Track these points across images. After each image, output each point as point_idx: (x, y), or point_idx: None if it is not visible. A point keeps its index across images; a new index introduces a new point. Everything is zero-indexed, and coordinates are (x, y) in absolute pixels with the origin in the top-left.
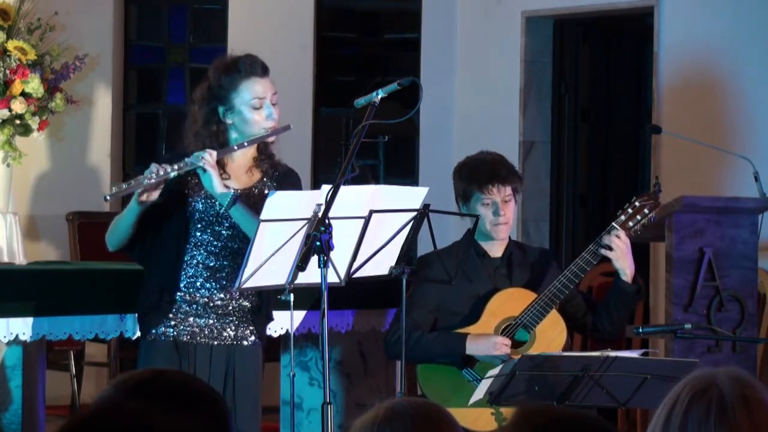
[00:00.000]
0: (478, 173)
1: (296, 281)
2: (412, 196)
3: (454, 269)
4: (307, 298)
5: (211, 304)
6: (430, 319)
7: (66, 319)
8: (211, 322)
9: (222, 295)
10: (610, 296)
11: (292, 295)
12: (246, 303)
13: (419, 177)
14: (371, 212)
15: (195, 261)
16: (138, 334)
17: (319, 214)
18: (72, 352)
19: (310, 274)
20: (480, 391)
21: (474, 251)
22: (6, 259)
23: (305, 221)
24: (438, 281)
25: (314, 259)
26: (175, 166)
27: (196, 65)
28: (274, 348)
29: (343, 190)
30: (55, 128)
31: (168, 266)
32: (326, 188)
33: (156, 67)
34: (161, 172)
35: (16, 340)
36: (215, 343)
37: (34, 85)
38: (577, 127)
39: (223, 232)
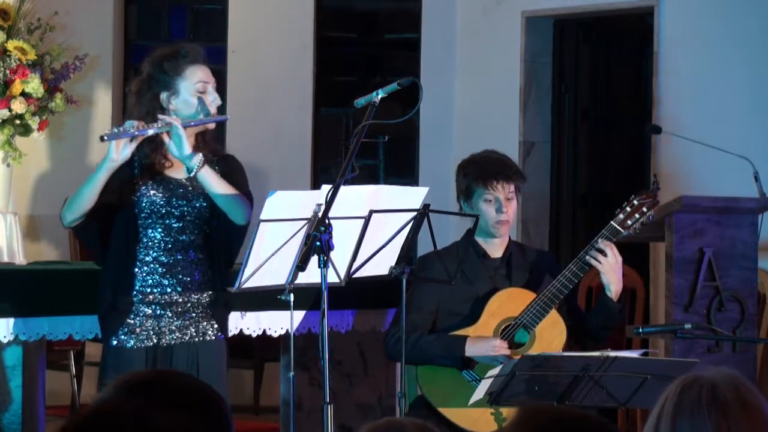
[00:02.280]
0: (482, 170)
1: (296, 281)
2: (412, 196)
3: (454, 269)
4: (307, 298)
5: (170, 302)
6: (430, 320)
7: (66, 319)
8: (171, 320)
9: (179, 292)
10: (595, 307)
11: (292, 295)
12: (205, 296)
13: (419, 177)
14: (371, 212)
15: (149, 259)
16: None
17: (319, 214)
18: (72, 352)
19: (310, 274)
20: (480, 392)
21: (474, 251)
22: (6, 259)
23: (305, 221)
24: (438, 281)
25: (314, 259)
26: (151, 125)
27: None
28: (274, 348)
29: (343, 190)
30: (55, 128)
31: (120, 267)
32: (326, 188)
33: None
34: (141, 127)
35: (16, 340)
36: (177, 342)
37: (34, 85)
38: (577, 127)
39: (173, 224)
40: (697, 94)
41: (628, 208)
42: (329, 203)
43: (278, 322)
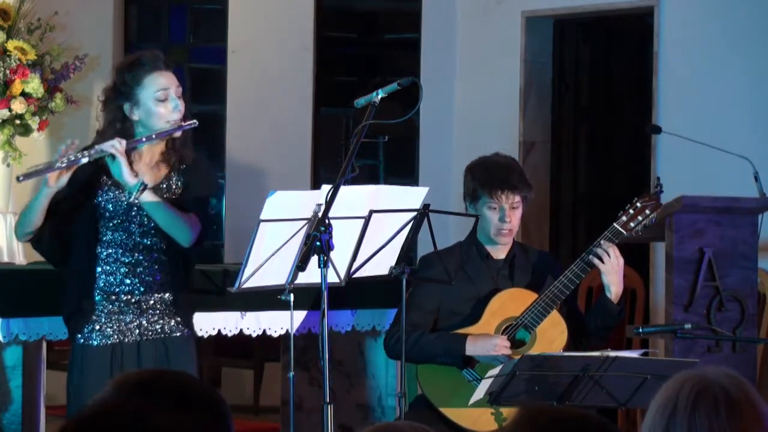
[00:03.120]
0: (489, 176)
1: (296, 281)
2: (412, 196)
3: (454, 270)
4: (307, 298)
5: (133, 300)
6: (431, 319)
7: None
8: (135, 318)
9: (142, 291)
10: (595, 308)
11: (292, 295)
12: (167, 296)
13: (419, 177)
14: (371, 212)
15: (112, 258)
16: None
17: (319, 214)
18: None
19: (310, 274)
20: (480, 391)
21: (477, 252)
22: (6, 259)
23: (305, 221)
24: (438, 281)
25: (314, 259)
26: (85, 152)
27: (196, 65)
28: (274, 348)
29: (343, 190)
30: (55, 128)
31: (82, 267)
32: (326, 188)
33: None
34: (72, 157)
35: (16, 340)
36: (143, 339)
37: (34, 85)
38: (577, 127)
39: (135, 229)
40: (697, 94)
41: (630, 210)
42: (329, 203)
43: (278, 322)
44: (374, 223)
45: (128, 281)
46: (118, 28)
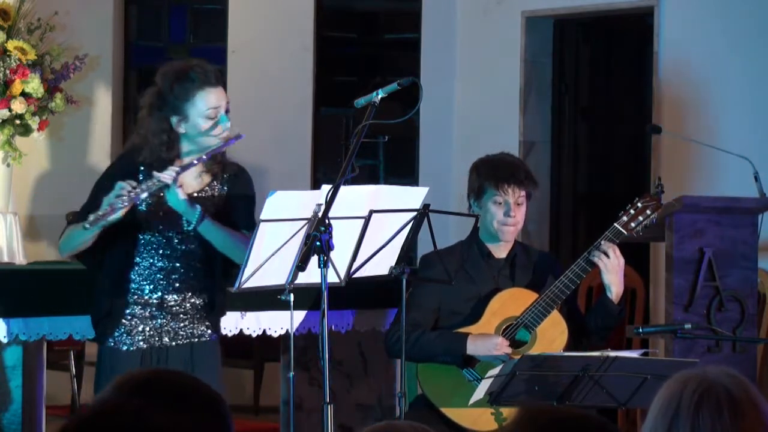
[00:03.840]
0: (496, 171)
1: (296, 281)
2: (412, 196)
3: (455, 269)
4: (307, 298)
5: (165, 305)
6: (432, 318)
7: (66, 319)
8: (165, 322)
9: (175, 296)
10: (595, 307)
11: (292, 295)
12: (199, 301)
13: (419, 177)
14: (371, 212)
15: (147, 263)
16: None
17: (319, 214)
18: (72, 352)
19: (310, 274)
20: (480, 391)
21: (478, 251)
22: (6, 259)
23: (305, 221)
24: (438, 281)
25: (314, 259)
26: (144, 186)
27: None
28: (274, 348)
29: (343, 190)
30: (55, 128)
31: (118, 270)
32: (326, 188)
33: (156, 68)
34: (132, 195)
35: (16, 340)
36: (173, 343)
37: (34, 85)
38: (577, 126)
39: (173, 235)
40: (697, 94)
41: (631, 211)
42: (329, 203)
43: (278, 322)
44: (374, 223)
45: (162, 286)
46: (118, 28)
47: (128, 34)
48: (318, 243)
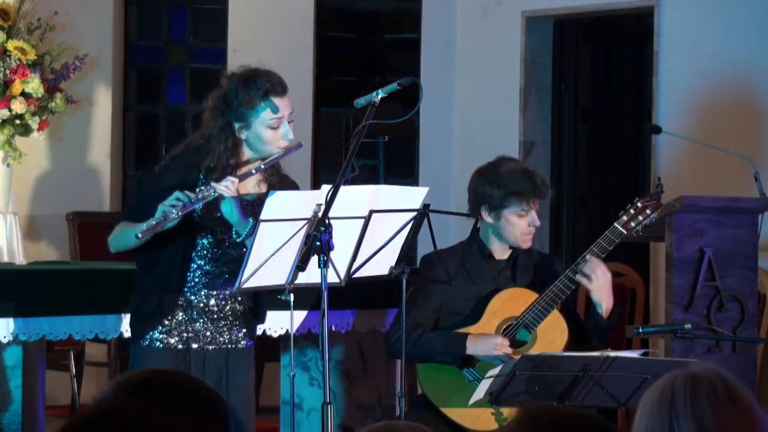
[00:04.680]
0: (519, 186)
1: (296, 281)
2: (412, 196)
3: (455, 269)
4: (307, 298)
5: (207, 309)
6: (432, 318)
7: (66, 319)
8: (205, 326)
9: (217, 300)
10: (586, 320)
11: (292, 295)
12: (239, 307)
13: (419, 177)
14: (371, 212)
15: (195, 265)
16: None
17: (319, 214)
18: (72, 352)
19: (310, 274)
20: (480, 391)
21: (479, 252)
22: (6, 259)
23: (305, 221)
24: (438, 281)
25: (314, 259)
26: (200, 196)
27: (196, 65)
28: (274, 348)
29: (343, 190)
30: (55, 128)
31: (172, 270)
32: (326, 188)
33: (156, 67)
34: (189, 205)
35: (16, 340)
36: (210, 347)
37: (34, 85)
38: (577, 126)
39: (226, 239)
40: (697, 94)
41: (631, 210)
42: (329, 203)
43: (278, 322)
44: (374, 223)
45: (205, 291)
46: (118, 28)
47: (128, 34)
48: (318, 243)
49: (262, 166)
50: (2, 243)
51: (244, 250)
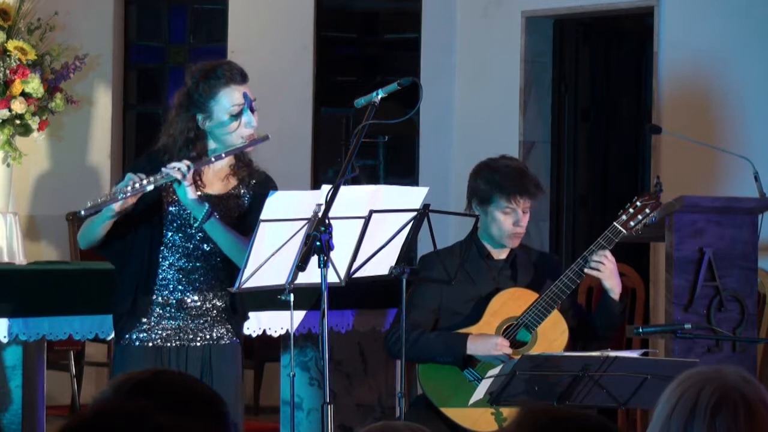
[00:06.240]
0: (507, 181)
1: (296, 281)
2: (412, 196)
3: (455, 269)
4: (307, 298)
5: (185, 306)
6: (432, 318)
7: (66, 319)
8: (184, 324)
9: (195, 297)
10: (597, 310)
11: (292, 295)
12: (220, 303)
13: (419, 177)
14: (371, 212)
15: (167, 263)
16: (112, 336)
17: (319, 214)
18: (72, 352)
19: (310, 274)
20: (480, 391)
21: (478, 252)
22: (6, 259)
23: (305, 221)
24: (438, 282)
25: (314, 259)
26: (152, 179)
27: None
28: (274, 348)
29: (343, 190)
30: (55, 128)
31: (141, 268)
32: (326, 188)
33: (156, 67)
34: (137, 186)
35: (16, 340)
36: (190, 345)
37: (34, 85)
38: (577, 127)
39: (196, 234)
40: (697, 94)
41: (630, 210)
42: (329, 203)
43: (278, 322)
44: (374, 223)
45: (181, 287)
46: (118, 28)
47: (128, 34)
48: (318, 243)
49: (223, 155)
50: (2, 243)
51: (215, 246)
